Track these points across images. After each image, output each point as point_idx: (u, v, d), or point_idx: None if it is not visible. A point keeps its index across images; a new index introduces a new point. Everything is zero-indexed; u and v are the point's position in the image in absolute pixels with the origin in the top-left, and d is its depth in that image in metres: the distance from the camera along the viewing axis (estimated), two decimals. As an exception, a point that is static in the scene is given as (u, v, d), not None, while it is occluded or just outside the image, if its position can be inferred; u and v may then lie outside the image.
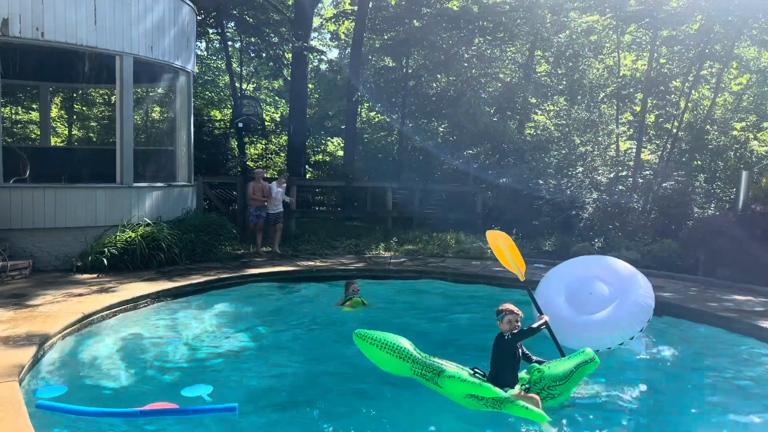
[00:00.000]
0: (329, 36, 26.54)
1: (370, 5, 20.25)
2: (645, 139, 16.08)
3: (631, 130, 16.76)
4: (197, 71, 18.19)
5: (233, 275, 9.44)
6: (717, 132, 15.50)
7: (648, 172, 14.94)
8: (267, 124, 23.58)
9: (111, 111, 20.20)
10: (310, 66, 23.36)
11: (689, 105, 15.60)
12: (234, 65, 23.12)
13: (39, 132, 17.84)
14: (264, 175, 12.88)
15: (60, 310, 6.81)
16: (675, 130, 15.28)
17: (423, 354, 5.09)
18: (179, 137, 12.19)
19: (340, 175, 19.94)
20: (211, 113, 24.66)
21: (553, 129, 18.52)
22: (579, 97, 17.96)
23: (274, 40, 21.55)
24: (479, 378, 4.84)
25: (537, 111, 19.36)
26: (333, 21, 24.24)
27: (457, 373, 4.81)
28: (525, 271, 6.09)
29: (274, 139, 25.42)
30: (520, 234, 14.67)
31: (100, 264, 9.20)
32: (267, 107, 26.95)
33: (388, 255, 12.13)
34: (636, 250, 11.61)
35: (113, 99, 17.63)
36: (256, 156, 24.39)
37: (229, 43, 22.78)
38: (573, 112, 18.12)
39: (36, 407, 4.41)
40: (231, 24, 21.56)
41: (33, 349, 5.41)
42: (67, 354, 5.90)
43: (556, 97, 19.27)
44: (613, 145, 16.86)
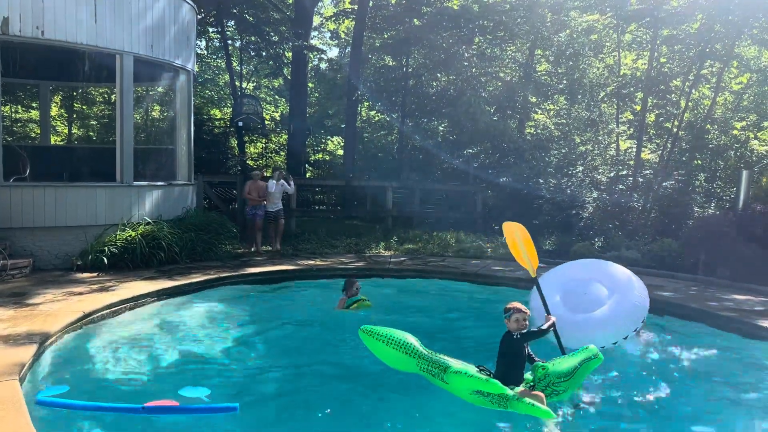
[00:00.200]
0: (329, 35, 26.53)
1: (370, 4, 20.24)
2: (645, 139, 16.08)
3: (632, 129, 16.75)
4: (197, 70, 18.17)
5: (233, 274, 9.44)
6: (717, 131, 15.49)
7: (648, 171, 14.94)
8: (267, 122, 23.56)
9: (111, 110, 20.19)
10: (310, 65, 23.35)
11: (689, 104, 15.60)
12: (234, 64, 23.10)
13: (39, 131, 17.83)
14: (264, 175, 12.88)
15: (60, 308, 6.81)
16: (675, 129, 15.28)
17: (429, 350, 5.07)
18: (179, 136, 12.19)
19: (340, 174, 19.95)
20: (211, 112, 24.65)
21: (554, 128, 18.53)
22: (579, 97, 17.96)
23: (274, 38, 21.54)
24: (485, 375, 4.82)
25: (537, 110, 19.35)
26: (333, 20, 24.26)
27: (464, 369, 4.79)
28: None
29: (274, 138, 25.42)
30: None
31: (100, 263, 9.20)
32: (267, 106, 26.94)
33: (388, 254, 12.14)
34: (636, 249, 11.61)
35: (113, 98, 17.63)
36: (256, 155, 24.37)
37: (229, 42, 22.77)
38: (573, 111, 18.12)
39: (36, 404, 4.39)
40: (231, 23, 21.56)
41: (33, 348, 5.41)
42: (68, 353, 5.90)
43: (556, 96, 19.27)
44: (614, 145, 16.86)
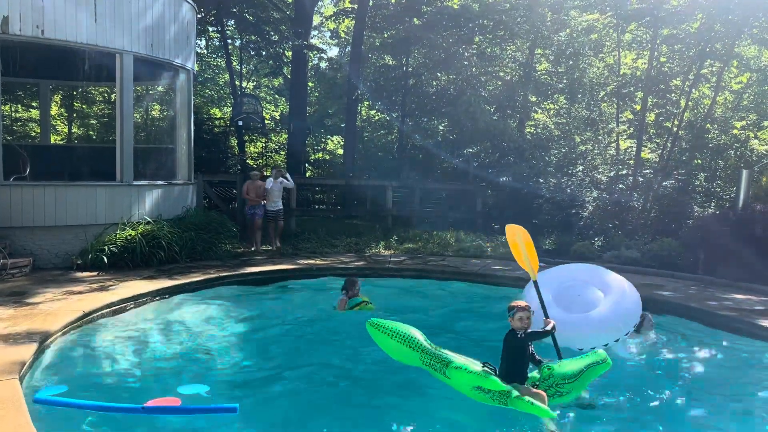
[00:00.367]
0: (329, 34, 26.52)
1: (370, 3, 20.23)
2: (645, 138, 16.07)
3: (632, 128, 16.75)
4: (197, 69, 18.14)
5: (233, 273, 9.44)
6: (717, 131, 15.49)
7: (648, 170, 14.94)
8: (267, 122, 23.58)
9: (111, 109, 20.19)
10: (310, 64, 23.34)
11: (689, 104, 15.60)
12: (234, 63, 23.10)
13: (39, 130, 17.84)
14: (263, 174, 12.87)
15: (60, 307, 6.81)
16: (675, 128, 15.27)
17: (433, 345, 5.10)
18: (179, 135, 12.19)
19: (339, 174, 19.94)
20: (211, 111, 24.64)
21: (554, 127, 18.53)
22: (579, 96, 17.95)
23: (274, 38, 21.52)
24: (489, 373, 4.82)
25: (537, 109, 19.35)
26: (333, 19, 24.25)
27: (465, 365, 4.83)
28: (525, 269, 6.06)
29: (274, 138, 25.42)
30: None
31: (100, 262, 9.21)
32: (267, 105, 26.94)
33: (388, 253, 12.14)
34: (636, 248, 11.61)
35: (113, 97, 17.62)
36: (256, 154, 24.36)
37: (229, 41, 22.77)
38: (573, 110, 18.13)
39: (34, 402, 4.40)
40: (231, 22, 21.55)
41: (33, 347, 5.41)
42: (68, 352, 5.90)
43: (556, 96, 19.26)
44: (614, 144, 16.85)
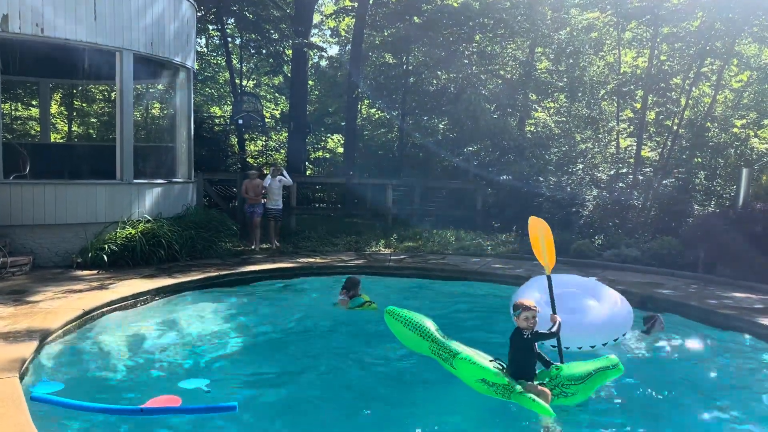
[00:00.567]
0: (329, 32, 26.51)
1: (370, 1, 20.22)
2: (645, 137, 16.06)
3: (632, 127, 16.73)
4: (197, 68, 18.16)
5: (233, 272, 9.44)
6: (717, 129, 15.47)
7: (648, 169, 14.93)
8: (267, 120, 23.57)
9: (111, 107, 20.18)
10: (310, 62, 23.32)
11: (690, 102, 15.57)
12: (234, 62, 23.09)
13: (39, 128, 17.83)
14: (263, 172, 12.88)
15: (60, 306, 6.81)
16: (675, 127, 15.26)
17: (444, 336, 5.19)
18: (179, 134, 12.19)
19: (340, 172, 19.94)
20: (211, 110, 24.66)
21: (554, 126, 18.51)
22: (579, 94, 17.92)
23: (274, 36, 21.50)
24: (498, 368, 4.82)
25: (537, 108, 19.32)
26: (333, 17, 24.22)
27: (471, 357, 4.85)
28: (529, 269, 6.07)
29: (274, 136, 25.43)
30: (520, 231, 14.67)
31: (100, 260, 9.21)
32: (267, 104, 26.92)
33: (388, 252, 12.14)
34: (636, 247, 11.61)
35: (113, 95, 17.62)
36: (256, 153, 24.38)
37: (229, 40, 22.75)
38: (573, 109, 18.10)
39: (31, 399, 4.40)
40: (231, 20, 21.53)
41: (33, 345, 5.42)
42: (68, 350, 5.91)
43: (556, 94, 19.23)
44: (614, 142, 16.84)
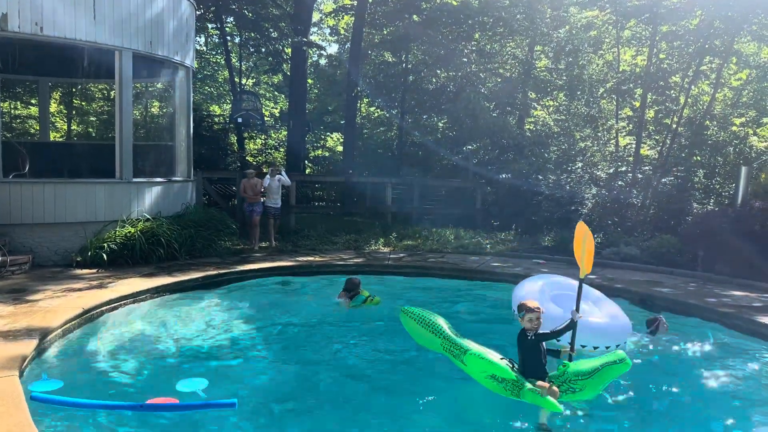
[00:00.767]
0: (329, 31, 26.46)
1: (369, 0, 20.19)
2: (644, 135, 16.08)
3: (631, 125, 16.75)
4: (196, 66, 18.17)
5: (232, 270, 9.45)
6: (716, 127, 15.49)
7: (647, 167, 14.95)
8: (266, 119, 23.55)
9: (110, 106, 20.18)
10: (309, 61, 23.30)
11: (689, 100, 15.59)
12: (233, 60, 23.07)
13: (38, 127, 17.82)
14: (262, 171, 12.89)
15: (60, 304, 6.82)
16: (674, 125, 15.27)
17: (456, 333, 5.30)
18: (178, 132, 12.19)
19: (339, 171, 19.94)
20: (211, 108, 24.63)
21: (553, 124, 18.51)
22: (579, 93, 17.93)
23: (273, 35, 21.48)
24: (508, 366, 4.82)
25: (536, 106, 19.34)
26: (332, 16, 24.17)
27: (481, 353, 4.89)
28: (528, 268, 6.06)
29: (273, 135, 25.40)
30: (519, 229, 14.68)
31: (99, 259, 9.21)
32: (266, 102, 26.90)
33: (387, 250, 12.14)
34: (635, 245, 11.63)
35: (112, 94, 17.61)
36: (255, 151, 24.36)
37: (229, 38, 22.73)
38: (572, 107, 18.11)
39: (30, 398, 4.41)
40: (230, 19, 21.51)
41: (33, 344, 5.43)
42: (67, 348, 5.92)
43: (555, 93, 19.24)
44: (613, 141, 16.85)
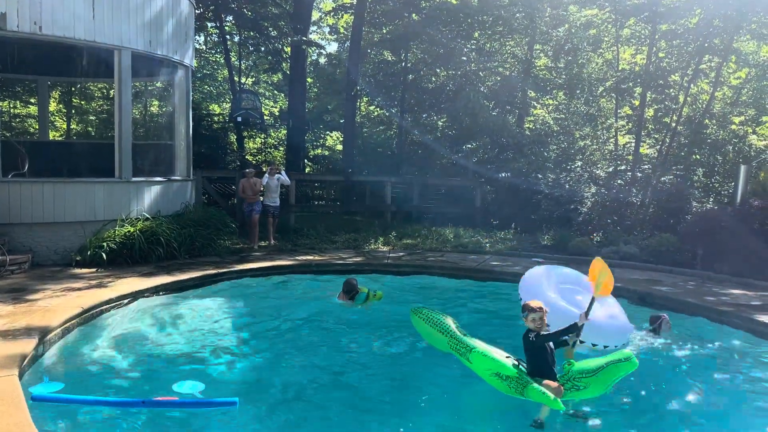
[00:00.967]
0: (328, 30, 26.45)
1: (368, -1, 20.19)
2: (644, 134, 16.08)
3: (630, 124, 16.75)
4: (196, 65, 18.16)
5: (232, 269, 9.44)
6: (716, 126, 15.49)
7: (647, 166, 14.95)
8: (266, 118, 23.54)
9: (109, 105, 20.17)
10: (309, 60, 23.29)
11: (688, 99, 15.59)
12: (233, 59, 23.06)
13: (38, 126, 17.81)
14: (261, 170, 12.90)
15: (59, 304, 6.82)
16: (674, 124, 15.27)
17: (463, 332, 5.41)
18: (178, 131, 12.19)
19: (339, 170, 19.94)
20: (210, 107, 24.62)
21: (552, 123, 18.51)
22: (578, 91, 17.95)
23: (272, 33, 21.48)
24: (514, 364, 4.84)
25: (536, 105, 19.33)
26: (332, 14, 24.16)
27: (486, 351, 4.93)
28: (527, 267, 6.06)
29: (273, 134, 25.40)
30: (518, 228, 14.70)
31: (99, 258, 9.21)
32: (266, 101, 26.90)
33: (386, 249, 12.15)
34: (634, 244, 11.63)
35: (112, 93, 17.60)
36: (255, 150, 24.36)
37: (228, 37, 22.71)
38: (572, 106, 18.11)
39: (32, 399, 4.41)
40: (229, 18, 21.49)
41: (33, 343, 5.43)
42: (67, 348, 5.92)
43: (555, 91, 19.25)
44: (612, 139, 16.85)
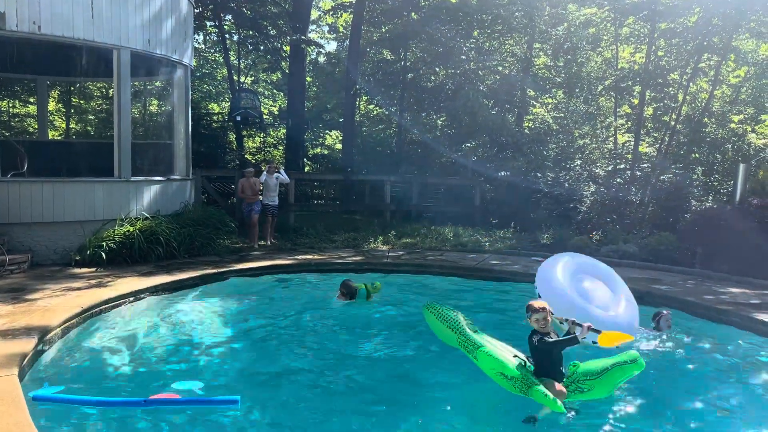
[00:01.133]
0: (327, 28, 26.42)
1: (368, -3, 20.18)
2: (643, 132, 16.09)
3: (629, 122, 16.76)
4: (195, 64, 18.15)
5: (231, 269, 9.44)
6: (715, 125, 15.51)
7: (646, 164, 14.96)
8: (265, 117, 23.54)
9: (109, 104, 20.16)
10: (308, 59, 23.28)
11: (687, 98, 15.60)
12: (232, 58, 23.05)
13: (37, 126, 17.82)
14: (261, 169, 12.89)
15: (59, 304, 6.83)
16: (673, 122, 15.29)
17: (474, 330, 5.45)
18: (177, 131, 12.18)
19: (338, 169, 19.94)
20: (209, 106, 24.61)
21: (552, 122, 18.52)
22: (577, 90, 17.96)
23: (272, 33, 21.47)
24: (521, 363, 4.86)
25: (535, 104, 19.34)
26: (331, 13, 24.13)
27: (491, 351, 4.94)
28: (526, 265, 6.05)
29: (272, 133, 25.39)
30: (518, 227, 14.70)
31: (98, 258, 9.21)
32: (265, 100, 26.89)
33: (385, 248, 12.15)
34: (634, 242, 11.64)
35: (111, 92, 17.60)
36: (254, 149, 24.35)
37: (227, 36, 22.71)
38: (571, 104, 18.12)
39: (33, 400, 4.41)
40: (229, 17, 21.49)
41: (32, 343, 5.43)
42: (67, 347, 5.93)
43: (554, 90, 19.26)
44: (611, 138, 16.86)
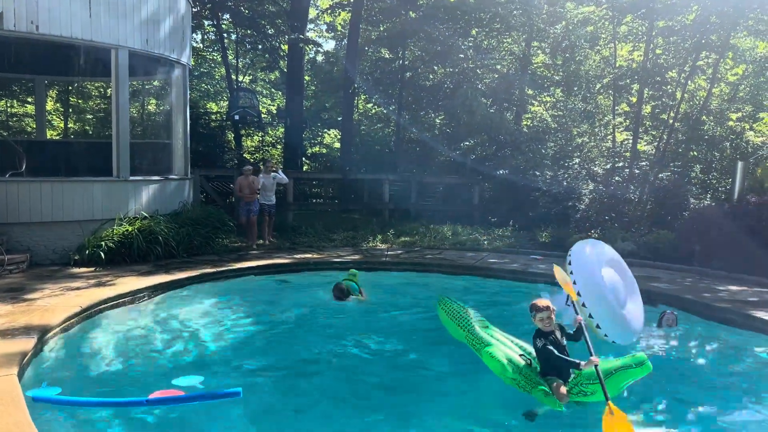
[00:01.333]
0: (325, 27, 26.41)
1: (366, -4, 20.17)
2: (641, 130, 16.10)
3: (628, 121, 16.76)
4: (193, 63, 18.12)
5: (230, 268, 9.45)
6: (713, 123, 15.52)
7: (644, 163, 14.98)
8: (263, 116, 23.51)
9: (107, 104, 20.14)
10: (306, 57, 23.26)
11: (685, 96, 15.60)
12: (230, 57, 23.02)
13: (35, 125, 17.79)
14: (260, 168, 12.88)
15: (58, 303, 6.83)
16: (671, 120, 15.29)
17: (484, 325, 5.54)
18: (175, 130, 12.17)
19: (336, 168, 19.94)
20: (208, 106, 24.58)
21: (550, 120, 18.54)
22: (575, 88, 17.97)
23: (270, 31, 21.46)
24: (527, 363, 4.90)
25: (534, 102, 19.35)
26: (329, 12, 24.12)
27: (494, 352, 5.00)
28: (525, 264, 6.04)
29: (270, 132, 25.36)
30: (516, 225, 14.71)
31: (97, 257, 9.21)
32: (263, 99, 26.85)
33: (384, 247, 12.16)
34: (632, 241, 11.66)
35: (109, 92, 17.56)
36: (252, 148, 24.32)
37: (225, 35, 22.68)
38: (569, 103, 18.13)
39: (33, 400, 4.41)
40: (226, 16, 21.46)
41: (31, 343, 5.43)
42: (66, 347, 5.93)
43: (552, 88, 19.26)
44: (610, 136, 16.87)
